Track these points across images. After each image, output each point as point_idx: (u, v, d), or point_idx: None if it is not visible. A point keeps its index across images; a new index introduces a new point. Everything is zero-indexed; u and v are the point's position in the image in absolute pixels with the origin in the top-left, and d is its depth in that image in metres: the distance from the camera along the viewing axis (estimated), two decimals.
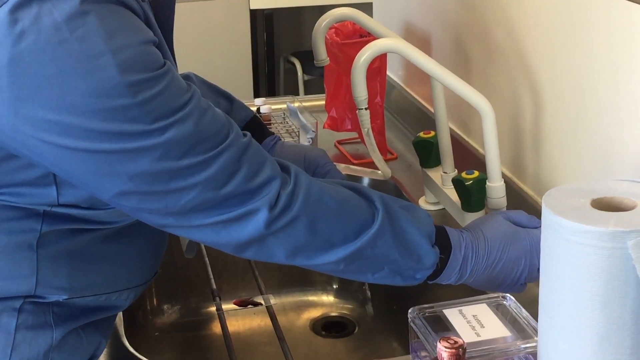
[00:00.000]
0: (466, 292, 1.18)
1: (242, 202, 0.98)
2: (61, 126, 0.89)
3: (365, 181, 1.71)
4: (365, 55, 1.31)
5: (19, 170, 0.98)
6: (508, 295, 1.11)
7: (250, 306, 1.58)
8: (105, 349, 1.22)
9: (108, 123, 0.89)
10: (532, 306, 1.02)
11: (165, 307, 1.73)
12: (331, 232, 1.04)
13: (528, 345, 1.03)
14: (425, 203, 1.63)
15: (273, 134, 1.41)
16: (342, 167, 1.63)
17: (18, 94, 0.88)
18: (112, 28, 0.88)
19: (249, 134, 1.02)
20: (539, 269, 1.15)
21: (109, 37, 0.88)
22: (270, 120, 1.87)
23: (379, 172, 1.62)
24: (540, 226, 0.92)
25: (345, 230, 1.04)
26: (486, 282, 1.15)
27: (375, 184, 1.69)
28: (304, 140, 1.77)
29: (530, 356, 1.03)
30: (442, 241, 1.11)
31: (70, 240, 1.05)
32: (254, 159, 1.00)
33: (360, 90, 1.35)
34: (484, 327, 1.05)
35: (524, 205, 1.43)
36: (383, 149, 1.83)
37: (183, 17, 3.50)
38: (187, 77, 1.28)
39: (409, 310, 1.08)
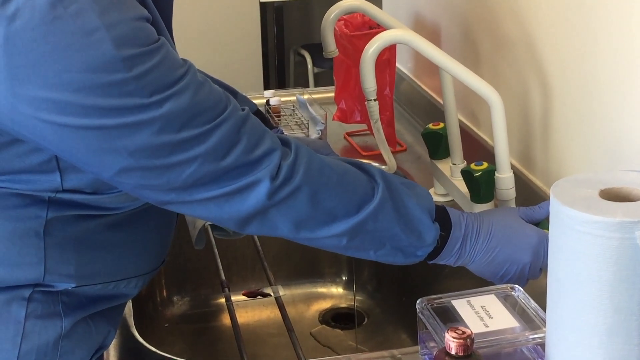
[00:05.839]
0: (475, 283, 1.18)
1: (243, 174, 0.99)
2: (59, 104, 0.89)
3: None
4: (374, 47, 1.31)
5: (22, 156, 0.99)
6: (516, 286, 1.11)
7: (259, 297, 1.58)
8: (116, 339, 1.23)
9: (105, 98, 0.90)
10: (540, 297, 1.03)
11: (174, 298, 1.74)
12: (333, 204, 1.04)
13: (536, 336, 1.03)
14: (435, 194, 1.63)
15: (277, 126, 1.41)
16: None
17: (15, 74, 0.88)
18: (105, 4, 0.89)
19: (247, 108, 1.03)
20: (540, 269, 1.16)
21: (103, 12, 0.88)
22: (279, 112, 1.87)
23: (384, 167, 1.62)
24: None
25: (347, 202, 1.05)
26: (488, 270, 1.15)
27: None
28: (313, 132, 1.77)
29: (539, 347, 1.03)
30: (442, 218, 1.12)
31: (77, 227, 1.06)
32: (253, 131, 1.00)
33: (369, 82, 1.35)
34: (492, 317, 1.05)
35: (533, 197, 1.43)
36: (392, 140, 1.83)
37: (193, 10, 3.54)
38: None
39: (417, 301, 1.08)
